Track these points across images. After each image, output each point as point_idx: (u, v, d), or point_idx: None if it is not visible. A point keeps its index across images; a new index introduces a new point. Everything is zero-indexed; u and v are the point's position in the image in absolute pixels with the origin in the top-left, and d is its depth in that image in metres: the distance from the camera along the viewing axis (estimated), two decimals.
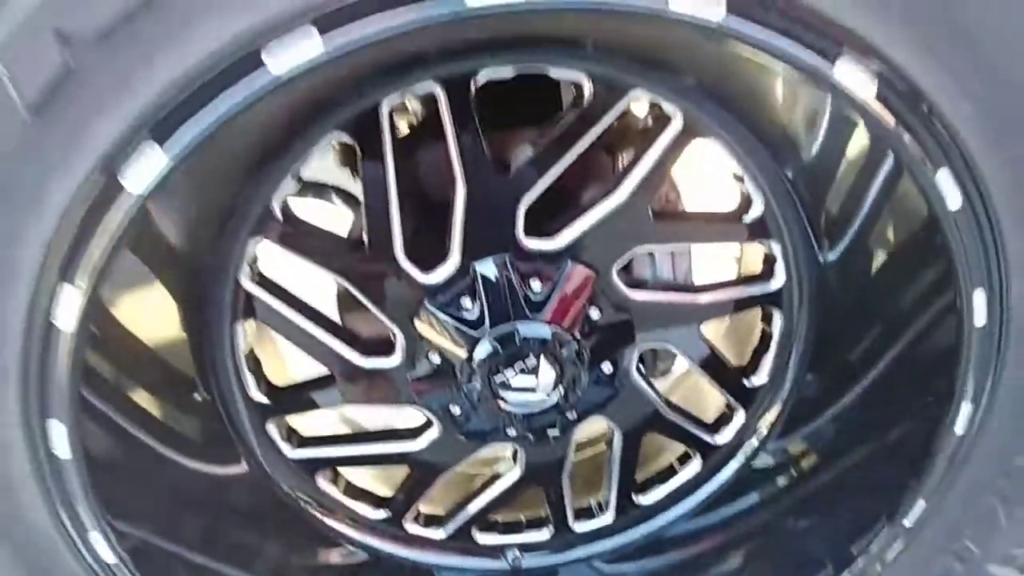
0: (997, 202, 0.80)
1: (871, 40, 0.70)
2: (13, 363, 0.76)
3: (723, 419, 1.18)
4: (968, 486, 1.02)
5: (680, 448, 1.21)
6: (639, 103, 0.95)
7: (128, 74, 0.63)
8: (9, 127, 0.64)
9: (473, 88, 0.88)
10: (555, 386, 1.01)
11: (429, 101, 0.89)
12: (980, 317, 0.88)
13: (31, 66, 0.61)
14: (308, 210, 1.05)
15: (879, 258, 1.00)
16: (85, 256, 0.71)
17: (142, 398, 0.97)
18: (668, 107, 0.93)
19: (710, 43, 0.74)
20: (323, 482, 1.14)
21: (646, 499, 1.20)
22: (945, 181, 0.80)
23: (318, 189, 1.17)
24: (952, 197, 0.80)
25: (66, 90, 0.63)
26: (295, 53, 0.64)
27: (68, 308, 0.74)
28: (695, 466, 1.19)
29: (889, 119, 0.76)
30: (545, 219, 0.96)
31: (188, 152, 0.67)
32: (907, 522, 1.03)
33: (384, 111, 0.89)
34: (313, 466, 1.13)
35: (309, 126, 0.88)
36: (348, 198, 1.18)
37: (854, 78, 0.73)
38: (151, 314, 0.93)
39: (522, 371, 0.99)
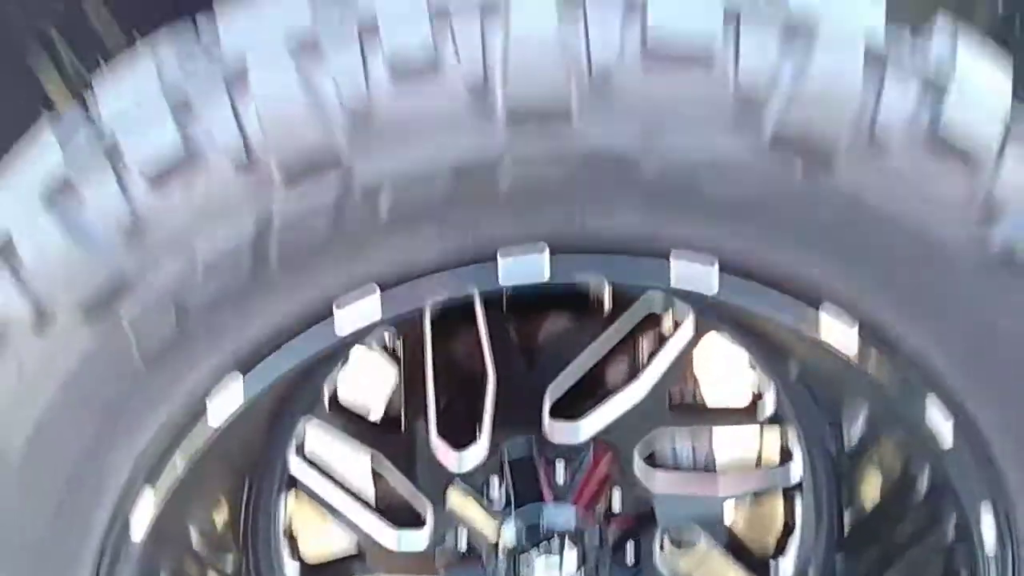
0: (988, 435, 0.89)
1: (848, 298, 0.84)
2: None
3: None
4: None
5: None
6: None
7: (226, 335, 0.83)
8: (126, 376, 0.83)
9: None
10: (578, 568, 1.09)
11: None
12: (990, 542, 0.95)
13: (150, 328, 0.82)
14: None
15: (889, 463, 1.08)
16: (167, 470, 0.88)
17: None
18: (681, 307, 1.08)
19: None
20: None
21: None
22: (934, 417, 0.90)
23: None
24: (943, 434, 0.90)
25: (175, 347, 0.83)
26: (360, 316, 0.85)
27: (142, 519, 0.89)
28: None
29: (874, 371, 0.88)
30: (570, 404, 1.09)
31: (265, 391, 0.87)
32: None
33: (427, 310, 1.06)
34: None
35: None
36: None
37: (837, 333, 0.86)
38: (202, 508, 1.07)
39: (546, 552, 1.07)
